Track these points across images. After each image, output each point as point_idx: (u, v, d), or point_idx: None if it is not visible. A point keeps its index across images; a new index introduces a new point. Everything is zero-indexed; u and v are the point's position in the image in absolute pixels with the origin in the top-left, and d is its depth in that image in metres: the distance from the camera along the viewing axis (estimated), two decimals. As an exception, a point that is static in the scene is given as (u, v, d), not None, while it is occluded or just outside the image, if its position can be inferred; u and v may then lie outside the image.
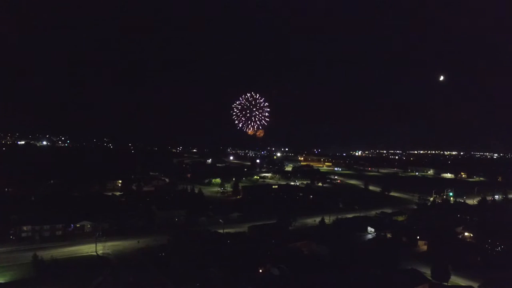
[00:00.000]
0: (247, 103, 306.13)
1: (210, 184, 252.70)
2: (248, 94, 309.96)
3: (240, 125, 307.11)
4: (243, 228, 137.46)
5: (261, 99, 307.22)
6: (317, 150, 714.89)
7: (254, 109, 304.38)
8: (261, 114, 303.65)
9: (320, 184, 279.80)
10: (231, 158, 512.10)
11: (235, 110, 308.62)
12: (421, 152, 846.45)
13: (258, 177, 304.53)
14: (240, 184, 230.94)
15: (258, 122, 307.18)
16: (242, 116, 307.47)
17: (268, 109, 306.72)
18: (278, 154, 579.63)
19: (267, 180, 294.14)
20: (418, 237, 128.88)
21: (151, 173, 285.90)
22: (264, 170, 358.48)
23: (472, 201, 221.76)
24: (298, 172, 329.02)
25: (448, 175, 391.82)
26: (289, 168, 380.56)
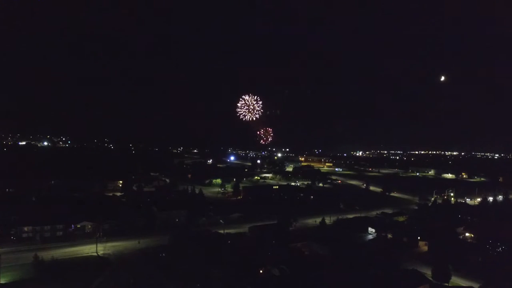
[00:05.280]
0: (247, 103, 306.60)
1: (210, 184, 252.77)
2: (248, 95, 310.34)
3: (244, 118, 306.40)
4: (244, 228, 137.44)
5: (257, 99, 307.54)
6: (318, 150, 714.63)
7: (252, 107, 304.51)
8: (259, 111, 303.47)
9: (320, 184, 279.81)
10: (232, 158, 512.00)
11: (240, 110, 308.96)
12: (422, 152, 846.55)
13: (258, 178, 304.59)
14: (241, 185, 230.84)
15: (257, 117, 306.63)
16: (244, 113, 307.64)
17: (265, 107, 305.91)
18: (279, 155, 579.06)
19: (268, 181, 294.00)
20: (418, 238, 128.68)
21: (151, 174, 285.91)
22: (264, 170, 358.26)
23: (473, 202, 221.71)
24: (299, 172, 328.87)
25: (449, 176, 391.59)
26: (289, 168, 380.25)
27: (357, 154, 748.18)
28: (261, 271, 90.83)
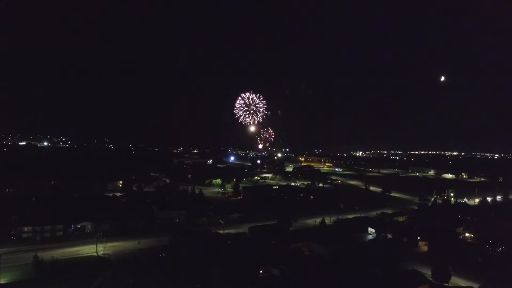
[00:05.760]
0: (246, 102, 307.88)
1: (210, 184, 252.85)
2: (248, 94, 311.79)
3: (243, 120, 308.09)
4: (244, 228, 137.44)
5: (259, 97, 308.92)
6: (317, 150, 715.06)
7: (253, 107, 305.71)
8: (259, 111, 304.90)
9: (320, 184, 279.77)
10: (232, 158, 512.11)
11: (238, 108, 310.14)
12: (422, 152, 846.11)
13: (258, 178, 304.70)
14: (241, 185, 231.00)
15: (258, 119, 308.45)
16: (244, 114, 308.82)
17: (265, 107, 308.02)
18: (279, 155, 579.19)
19: (268, 181, 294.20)
20: (418, 238, 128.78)
21: (151, 174, 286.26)
22: (264, 170, 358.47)
23: (473, 202, 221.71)
24: (299, 172, 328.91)
25: (449, 176, 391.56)
26: (289, 168, 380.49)
27: (357, 154, 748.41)
28: (261, 271, 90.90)
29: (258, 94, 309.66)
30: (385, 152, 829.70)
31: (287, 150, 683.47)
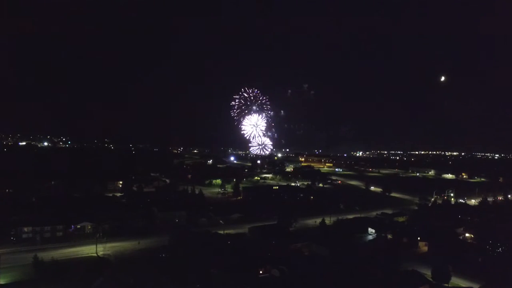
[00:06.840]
0: (243, 101, 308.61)
1: (210, 185, 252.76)
2: (249, 90, 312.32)
3: (237, 120, 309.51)
4: (244, 229, 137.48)
5: (259, 94, 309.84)
6: (318, 150, 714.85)
7: (253, 105, 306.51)
8: (263, 108, 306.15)
9: (321, 185, 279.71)
10: (232, 158, 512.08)
11: (236, 104, 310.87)
12: (422, 152, 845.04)
13: (258, 178, 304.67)
14: (241, 185, 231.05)
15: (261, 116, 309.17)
16: (240, 111, 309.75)
17: (268, 104, 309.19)
18: (279, 155, 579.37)
19: (268, 181, 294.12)
20: (418, 238, 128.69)
21: (151, 174, 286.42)
22: (265, 171, 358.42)
23: (473, 202, 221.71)
24: (299, 173, 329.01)
25: (449, 176, 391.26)
26: (290, 169, 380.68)
27: (357, 155, 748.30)
28: (261, 272, 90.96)
29: (257, 91, 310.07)
30: (385, 152, 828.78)
31: (287, 150, 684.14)
